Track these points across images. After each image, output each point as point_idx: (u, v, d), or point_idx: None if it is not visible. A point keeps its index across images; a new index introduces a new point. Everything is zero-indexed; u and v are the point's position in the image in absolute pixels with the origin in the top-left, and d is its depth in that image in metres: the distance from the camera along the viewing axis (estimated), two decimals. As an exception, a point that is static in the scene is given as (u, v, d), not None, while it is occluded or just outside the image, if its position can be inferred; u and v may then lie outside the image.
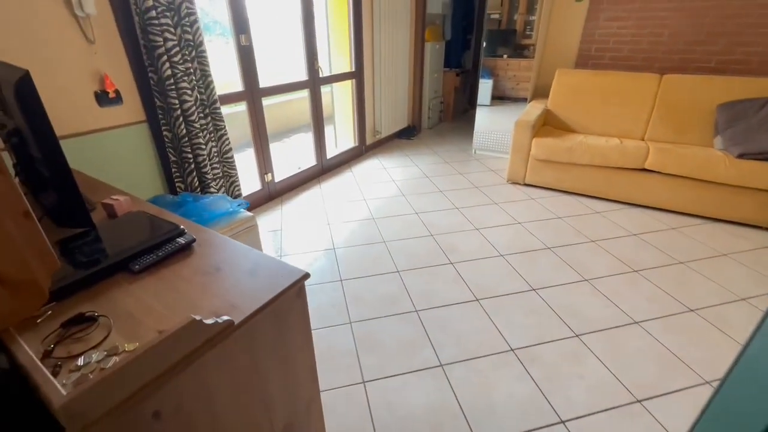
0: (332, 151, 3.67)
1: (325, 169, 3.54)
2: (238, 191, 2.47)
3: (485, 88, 3.84)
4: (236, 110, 2.91)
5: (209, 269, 0.88)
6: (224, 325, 0.69)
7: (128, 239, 0.94)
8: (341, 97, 3.79)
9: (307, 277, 0.86)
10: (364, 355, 1.60)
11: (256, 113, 2.68)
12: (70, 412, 0.51)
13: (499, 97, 3.85)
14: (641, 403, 1.39)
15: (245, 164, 2.97)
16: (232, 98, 2.50)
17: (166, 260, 0.90)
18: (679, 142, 2.89)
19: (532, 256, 2.27)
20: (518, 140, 3.10)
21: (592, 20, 3.38)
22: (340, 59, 3.59)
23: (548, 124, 3.37)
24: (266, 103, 2.74)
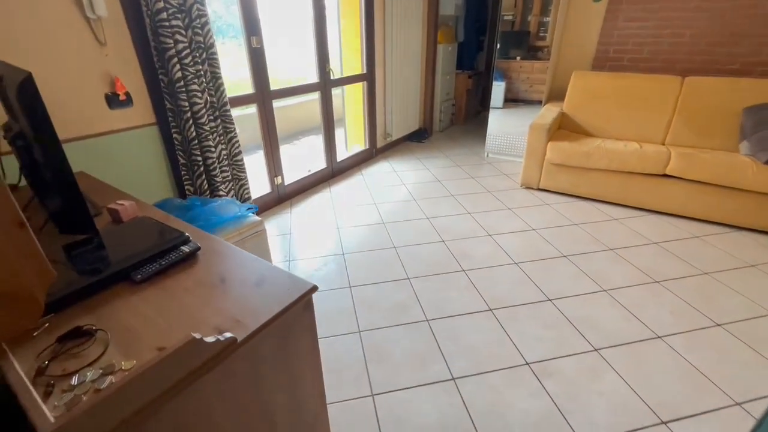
0: (342, 153, 3.63)
1: (335, 172, 3.51)
2: (247, 194, 2.45)
3: (498, 90, 3.77)
4: (246, 112, 2.90)
5: (214, 280, 0.84)
6: (226, 343, 0.65)
7: (131, 246, 0.91)
8: (352, 99, 3.76)
9: (314, 290, 0.82)
10: (372, 366, 1.55)
11: (266, 116, 2.66)
12: (57, 441, 0.47)
13: (512, 99, 3.78)
14: (667, 425, 1.31)
15: (255, 167, 2.96)
16: (242, 100, 2.49)
17: (169, 270, 0.87)
18: (701, 146, 2.78)
19: (547, 264, 2.20)
20: (533, 144, 3.03)
21: (610, 21, 3.29)
22: (351, 61, 3.56)
23: (564, 127, 3.28)
24: (276, 105, 2.72)
